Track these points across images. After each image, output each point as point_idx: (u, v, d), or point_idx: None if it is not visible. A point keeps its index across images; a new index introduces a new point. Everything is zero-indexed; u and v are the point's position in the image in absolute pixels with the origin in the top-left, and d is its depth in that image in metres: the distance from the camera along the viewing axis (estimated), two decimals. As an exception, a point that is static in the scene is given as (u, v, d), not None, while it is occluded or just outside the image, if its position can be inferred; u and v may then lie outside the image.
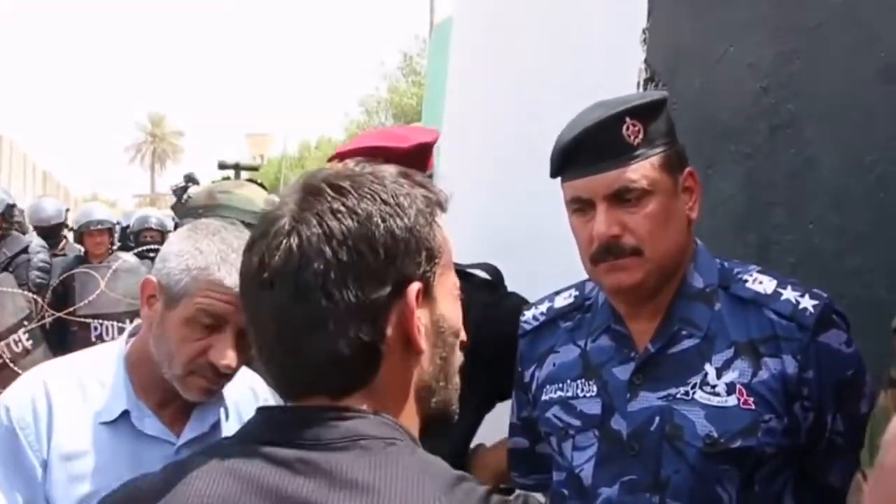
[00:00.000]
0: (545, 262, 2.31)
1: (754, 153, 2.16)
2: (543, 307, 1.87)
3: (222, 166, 6.74)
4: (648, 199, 1.58)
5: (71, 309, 5.38)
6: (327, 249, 0.96)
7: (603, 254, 1.59)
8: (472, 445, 2.26)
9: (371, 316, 0.98)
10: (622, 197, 1.58)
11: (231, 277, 1.57)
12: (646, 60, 2.46)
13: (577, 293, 1.83)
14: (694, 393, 1.59)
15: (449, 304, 1.07)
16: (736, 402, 1.56)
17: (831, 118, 2.00)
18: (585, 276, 1.76)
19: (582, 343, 1.75)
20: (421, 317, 1.01)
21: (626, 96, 1.67)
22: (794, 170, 2.06)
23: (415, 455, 0.98)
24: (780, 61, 2.11)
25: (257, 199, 2.88)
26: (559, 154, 1.63)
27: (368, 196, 1.00)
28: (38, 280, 6.39)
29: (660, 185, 1.59)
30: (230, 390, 1.74)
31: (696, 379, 1.60)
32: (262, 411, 1.05)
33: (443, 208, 1.07)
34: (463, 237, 2.87)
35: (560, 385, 1.75)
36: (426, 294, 1.02)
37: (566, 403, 1.72)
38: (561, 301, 1.85)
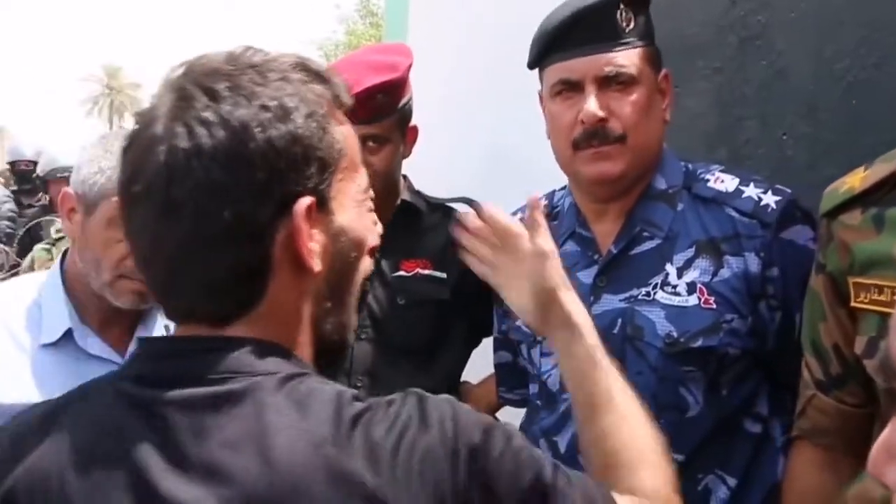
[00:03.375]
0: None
1: (724, 67, 2.13)
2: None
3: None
4: (635, 87, 1.58)
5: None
6: (197, 166, 0.85)
7: (587, 138, 1.58)
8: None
9: (251, 238, 0.88)
10: (611, 81, 1.58)
11: None
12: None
13: (546, 202, 1.81)
14: (655, 293, 1.58)
15: (352, 214, 0.96)
16: (696, 301, 1.55)
17: (801, 27, 1.96)
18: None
19: None
20: (314, 234, 0.91)
21: None
22: (764, 82, 2.03)
23: (291, 386, 0.87)
24: (748, -29, 2.06)
25: None
26: (550, 34, 1.61)
27: (245, 100, 0.87)
28: (8, 230, 6.25)
29: (645, 77, 1.60)
30: None
31: (657, 279, 1.59)
32: (144, 342, 0.96)
33: (342, 103, 0.96)
34: (435, 168, 2.85)
35: None
36: (320, 208, 0.91)
37: None
38: None
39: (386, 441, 0.83)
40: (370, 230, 1.00)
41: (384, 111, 2.00)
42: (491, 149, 2.94)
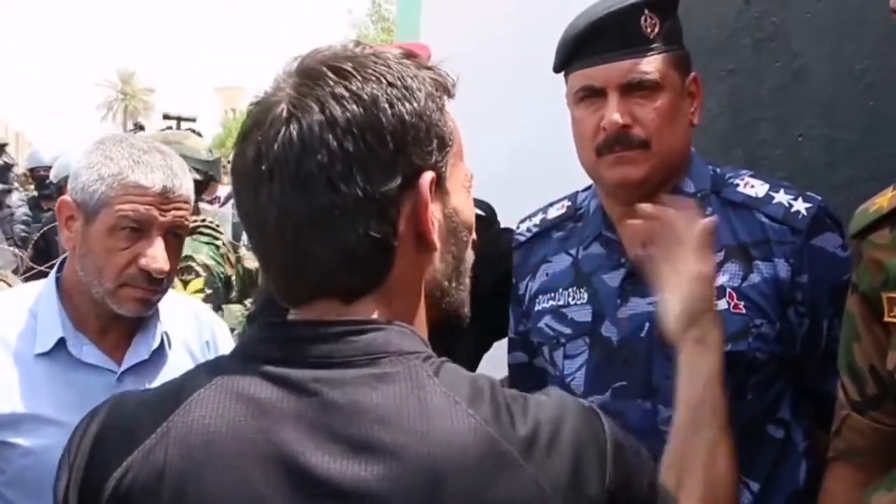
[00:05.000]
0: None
1: (738, 69, 2.11)
2: (537, 219, 1.84)
3: (166, 116, 6.65)
4: (659, 93, 1.56)
5: (53, 262, 5.28)
6: (331, 138, 0.86)
7: (610, 144, 1.56)
8: None
9: (381, 210, 0.88)
10: (634, 88, 1.56)
11: (147, 178, 1.52)
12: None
13: (569, 203, 1.80)
14: None
15: (461, 197, 1.00)
16: (726, 306, 1.53)
17: (817, 28, 1.94)
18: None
19: (574, 252, 1.72)
20: (434, 210, 0.92)
21: None
22: (779, 83, 2.00)
23: (440, 368, 0.90)
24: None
25: (202, 148, 3.71)
26: (573, 40, 1.59)
27: (373, 78, 0.90)
28: (23, 234, 6.27)
29: (670, 82, 1.57)
30: (171, 317, 1.70)
31: None
32: (266, 326, 0.95)
33: (450, 94, 0.99)
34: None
35: (552, 294, 1.72)
36: (438, 186, 0.93)
37: (557, 312, 1.70)
38: (554, 212, 1.82)
39: (542, 429, 0.86)
40: (473, 218, 1.03)
41: None
42: (505, 153, 2.92)
